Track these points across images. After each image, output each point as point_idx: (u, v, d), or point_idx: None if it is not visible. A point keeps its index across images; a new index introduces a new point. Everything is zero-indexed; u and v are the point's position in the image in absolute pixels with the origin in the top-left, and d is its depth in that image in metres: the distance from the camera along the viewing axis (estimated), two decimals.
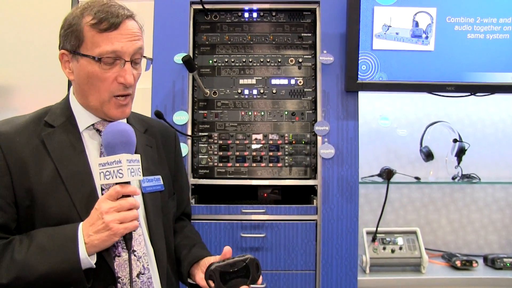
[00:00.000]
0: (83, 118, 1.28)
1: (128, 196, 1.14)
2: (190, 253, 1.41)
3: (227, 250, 1.30)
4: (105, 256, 1.18)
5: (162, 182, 1.39)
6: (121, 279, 1.21)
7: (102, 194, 1.22)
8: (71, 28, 1.22)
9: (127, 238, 1.15)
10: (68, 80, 2.38)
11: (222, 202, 2.12)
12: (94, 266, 1.14)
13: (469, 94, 2.15)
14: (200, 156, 2.14)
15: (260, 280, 1.28)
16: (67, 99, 1.32)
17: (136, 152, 1.22)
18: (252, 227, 2.07)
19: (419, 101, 2.60)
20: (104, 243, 1.12)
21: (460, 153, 2.44)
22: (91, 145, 1.28)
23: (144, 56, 1.32)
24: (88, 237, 1.11)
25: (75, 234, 1.12)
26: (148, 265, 1.27)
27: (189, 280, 1.38)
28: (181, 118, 2.09)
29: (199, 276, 1.31)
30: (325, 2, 2.12)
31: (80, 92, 1.28)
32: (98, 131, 1.30)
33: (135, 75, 1.28)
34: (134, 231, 1.17)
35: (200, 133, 2.14)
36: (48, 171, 1.18)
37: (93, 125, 1.29)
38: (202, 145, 2.12)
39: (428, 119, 2.54)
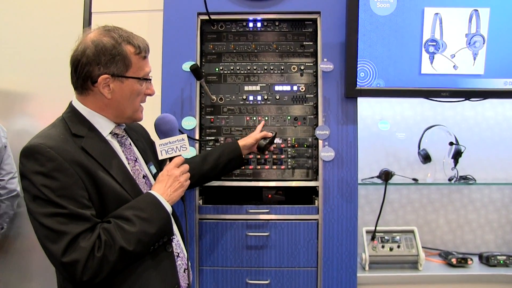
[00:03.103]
0: (103, 126, 1.50)
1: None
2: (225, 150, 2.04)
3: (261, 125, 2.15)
4: None
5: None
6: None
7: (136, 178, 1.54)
8: (118, 56, 1.45)
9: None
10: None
11: (229, 202, 2.22)
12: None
13: (463, 99, 2.25)
14: None
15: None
16: (75, 111, 1.50)
17: (139, 147, 1.65)
18: (256, 226, 2.18)
19: (417, 105, 2.70)
20: (179, 196, 1.53)
21: (457, 155, 2.53)
22: (115, 145, 1.54)
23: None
24: (168, 196, 1.48)
25: (156, 198, 1.45)
26: (176, 231, 1.61)
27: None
28: (189, 123, 2.20)
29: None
30: (326, 12, 2.22)
31: (112, 107, 1.50)
32: (116, 134, 1.55)
33: None
34: None
35: (207, 137, 2.26)
36: (100, 170, 1.40)
37: (111, 131, 1.53)
38: (209, 148, 2.24)
39: (426, 123, 2.64)
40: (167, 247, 1.51)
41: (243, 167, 2.22)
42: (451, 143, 2.55)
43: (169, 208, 1.46)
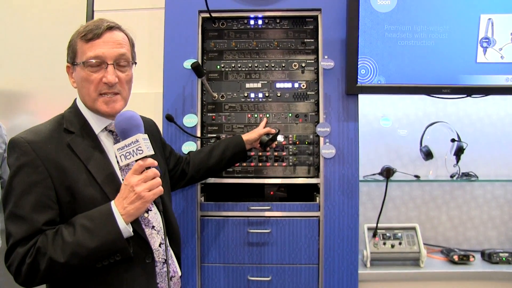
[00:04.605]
0: (96, 122, 1.48)
1: (149, 168, 1.35)
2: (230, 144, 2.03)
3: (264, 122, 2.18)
4: (139, 231, 1.40)
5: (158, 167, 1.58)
6: (153, 247, 1.46)
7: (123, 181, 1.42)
8: (69, 44, 1.47)
9: (157, 202, 1.41)
10: None
11: (230, 199, 2.22)
12: (132, 233, 1.34)
13: (465, 95, 2.24)
14: None
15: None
16: (75, 106, 1.51)
17: None
18: (258, 223, 2.18)
19: (419, 102, 2.69)
20: (138, 210, 1.33)
21: (459, 152, 2.52)
22: (107, 143, 1.49)
23: (131, 62, 1.51)
24: (123, 209, 1.31)
25: (110, 210, 1.32)
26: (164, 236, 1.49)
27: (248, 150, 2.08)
28: (191, 120, 2.21)
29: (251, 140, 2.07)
30: (326, 9, 2.22)
31: (81, 97, 1.49)
32: (111, 131, 1.50)
33: (122, 77, 1.46)
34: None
35: (209, 135, 2.27)
36: (80, 170, 1.37)
37: (105, 127, 1.49)
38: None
39: (428, 120, 2.64)
40: (147, 257, 1.43)
41: (245, 164, 2.23)
42: (453, 140, 2.55)
43: (121, 223, 1.30)
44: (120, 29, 1.49)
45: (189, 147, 2.18)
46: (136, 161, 1.34)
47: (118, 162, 1.39)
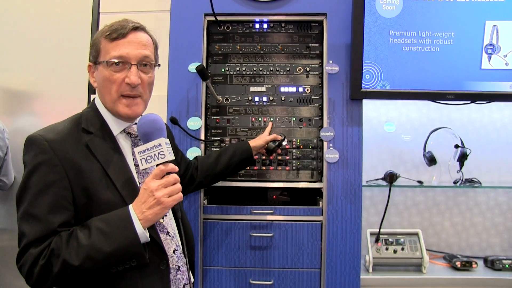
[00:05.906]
0: (114, 124, 1.46)
1: (170, 173, 1.32)
2: (236, 149, 2.03)
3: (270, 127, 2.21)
4: (155, 237, 1.37)
5: None
6: (167, 253, 1.43)
7: (140, 184, 1.42)
8: (93, 43, 1.46)
9: (175, 209, 1.38)
10: (89, 86, 2.56)
11: (233, 203, 2.22)
12: (149, 239, 1.32)
13: (469, 102, 2.24)
14: None
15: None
16: (94, 106, 1.48)
17: None
18: (261, 227, 2.18)
19: (423, 107, 2.69)
20: (157, 216, 1.30)
21: (462, 158, 2.52)
22: (125, 146, 1.47)
23: (154, 64, 1.50)
24: (142, 214, 1.28)
25: (128, 214, 1.29)
26: (179, 242, 1.48)
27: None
28: (195, 123, 2.21)
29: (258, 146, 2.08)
30: (332, 14, 2.22)
31: (100, 97, 1.46)
32: (129, 134, 1.48)
33: (145, 79, 1.45)
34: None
35: (212, 138, 2.27)
36: (97, 172, 1.35)
37: (124, 129, 1.47)
38: (214, 149, 2.24)
39: (432, 125, 2.64)
40: (161, 264, 1.40)
41: (248, 168, 2.23)
42: (456, 146, 2.55)
43: (139, 228, 1.27)
44: (145, 30, 1.48)
45: (194, 153, 2.18)
46: (157, 165, 1.31)
47: (138, 165, 1.37)
